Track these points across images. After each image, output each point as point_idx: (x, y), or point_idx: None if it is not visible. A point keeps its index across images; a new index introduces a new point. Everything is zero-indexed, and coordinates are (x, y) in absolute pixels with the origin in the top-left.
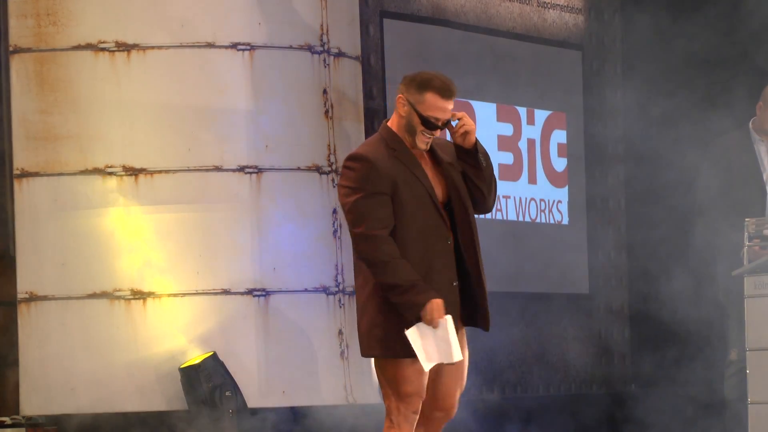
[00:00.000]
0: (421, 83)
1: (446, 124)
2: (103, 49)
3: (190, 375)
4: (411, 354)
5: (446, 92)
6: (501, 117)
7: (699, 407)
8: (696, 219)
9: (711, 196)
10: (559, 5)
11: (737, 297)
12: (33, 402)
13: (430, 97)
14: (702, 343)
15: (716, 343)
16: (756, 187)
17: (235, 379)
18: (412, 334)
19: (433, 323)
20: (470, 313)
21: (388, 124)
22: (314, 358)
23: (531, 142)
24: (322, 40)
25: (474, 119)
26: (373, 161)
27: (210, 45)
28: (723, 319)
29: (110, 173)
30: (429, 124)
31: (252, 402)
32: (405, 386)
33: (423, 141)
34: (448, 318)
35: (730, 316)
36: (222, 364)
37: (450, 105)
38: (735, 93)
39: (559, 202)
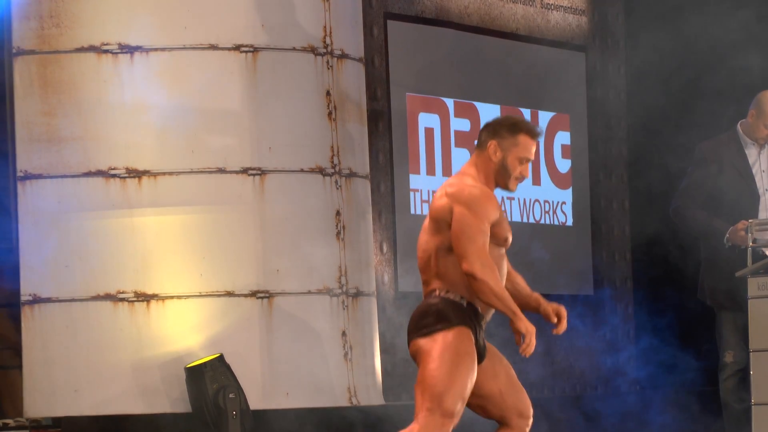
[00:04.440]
0: (513, 126)
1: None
2: (106, 51)
3: (196, 375)
4: None
5: (535, 133)
6: None
7: (702, 408)
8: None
9: (699, 198)
10: (562, 6)
11: (730, 299)
12: (36, 404)
13: (523, 138)
14: (706, 344)
15: (717, 344)
16: (747, 190)
17: (239, 381)
18: None
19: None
20: None
21: (470, 170)
22: (318, 360)
23: None
24: (325, 41)
25: (478, 121)
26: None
27: (213, 47)
28: (716, 322)
29: (113, 175)
30: (523, 162)
31: (255, 404)
32: None
33: (515, 184)
34: None
35: (721, 319)
36: (228, 367)
37: (536, 145)
38: (739, 92)
39: (563, 203)
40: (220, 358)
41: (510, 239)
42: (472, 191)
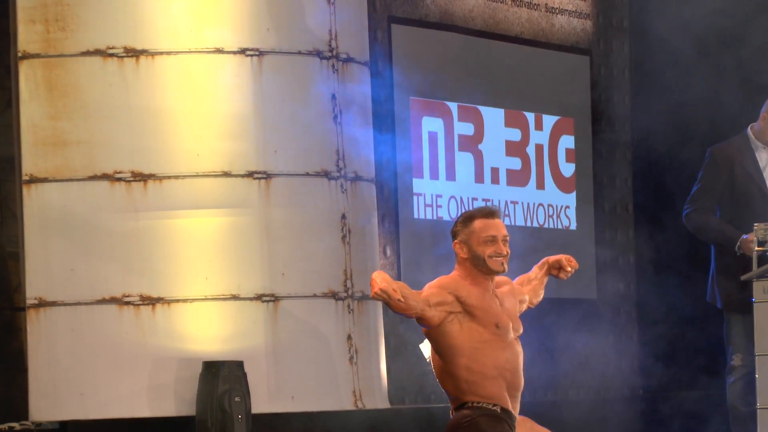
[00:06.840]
0: (465, 219)
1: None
2: (111, 55)
3: (212, 370)
4: None
5: (489, 213)
6: (509, 122)
7: (707, 412)
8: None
9: (711, 203)
10: (567, 10)
11: (739, 302)
12: (41, 408)
13: (478, 223)
14: (712, 348)
15: (723, 347)
16: (758, 193)
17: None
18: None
19: None
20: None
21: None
22: (323, 364)
23: (539, 148)
24: (330, 45)
25: (482, 125)
26: None
27: (219, 50)
28: (724, 325)
29: (119, 179)
30: (489, 242)
31: (261, 407)
32: None
33: (497, 263)
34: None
35: (731, 322)
36: (244, 375)
37: (500, 223)
38: (744, 96)
39: (567, 207)
40: (240, 364)
41: (502, 325)
42: (436, 280)
